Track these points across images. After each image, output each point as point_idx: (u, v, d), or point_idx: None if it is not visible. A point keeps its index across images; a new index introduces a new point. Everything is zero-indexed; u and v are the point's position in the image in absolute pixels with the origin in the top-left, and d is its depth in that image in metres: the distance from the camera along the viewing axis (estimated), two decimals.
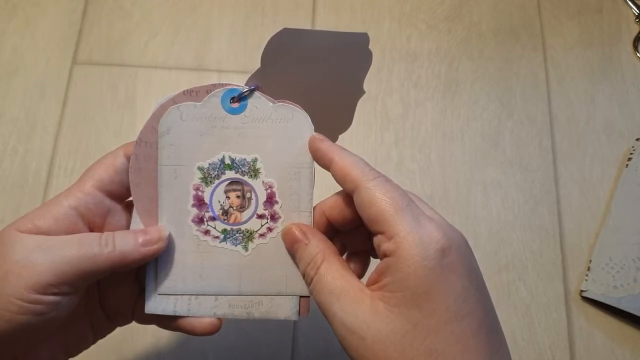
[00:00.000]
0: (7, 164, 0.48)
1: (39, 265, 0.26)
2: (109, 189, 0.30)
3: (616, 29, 0.54)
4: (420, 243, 0.25)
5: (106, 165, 0.30)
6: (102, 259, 0.27)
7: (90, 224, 0.30)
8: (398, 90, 0.51)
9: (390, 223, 0.25)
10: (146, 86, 0.51)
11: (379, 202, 0.26)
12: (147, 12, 0.54)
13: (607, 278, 0.44)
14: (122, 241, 0.28)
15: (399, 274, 0.25)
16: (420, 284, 0.24)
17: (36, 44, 0.52)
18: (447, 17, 0.54)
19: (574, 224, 0.47)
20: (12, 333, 0.26)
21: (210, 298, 0.30)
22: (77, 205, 0.29)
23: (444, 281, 0.25)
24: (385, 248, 0.25)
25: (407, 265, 0.24)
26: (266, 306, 0.30)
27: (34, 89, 0.51)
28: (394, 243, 0.25)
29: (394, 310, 0.25)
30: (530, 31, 0.54)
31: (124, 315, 0.33)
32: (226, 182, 0.30)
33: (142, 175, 0.30)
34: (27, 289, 0.26)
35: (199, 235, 0.30)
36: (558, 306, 0.45)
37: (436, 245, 0.25)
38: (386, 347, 0.24)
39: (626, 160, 0.48)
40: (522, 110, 0.51)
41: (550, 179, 0.49)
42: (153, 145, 0.30)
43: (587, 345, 0.44)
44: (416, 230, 0.25)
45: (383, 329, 0.25)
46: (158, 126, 0.30)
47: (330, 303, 0.27)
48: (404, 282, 0.25)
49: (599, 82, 0.52)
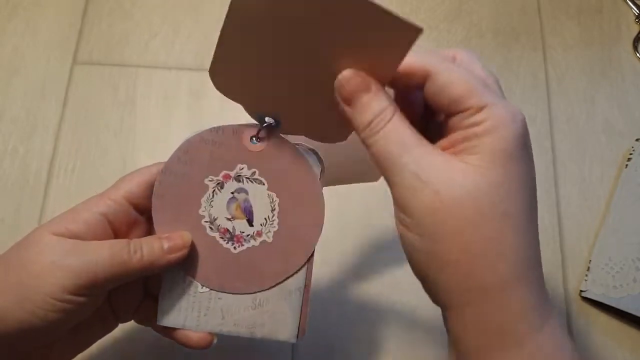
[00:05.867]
0: (7, 164, 0.48)
1: (74, 267, 0.28)
2: (137, 202, 0.32)
3: (616, 29, 0.54)
4: (510, 112, 0.25)
5: (139, 179, 0.32)
6: (132, 265, 0.29)
7: (116, 231, 0.31)
8: None
9: (479, 97, 0.25)
10: (146, 86, 0.51)
11: (463, 81, 0.25)
12: (148, 12, 0.54)
13: (607, 278, 0.44)
14: (150, 248, 0.30)
15: (490, 136, 0.24)
16: (510, 147, 0.24)
17: (36, 44, 0.52)
18: (447, 17, 0.54)
19: (573, 224, 0.47)
20: (41, 329, 0.28)
21: (218, 316, 0.32)
22: (107, 212, 0.31)
23: (525, 152, 0.25)
24: (475, 119, 0.24)
25: (500, 128, 0.24)
26: (268, 328, 0.32)
27: (34, 89, 0.51)
28: (485, 112, 0.24)
29: (476, 169, 0.24)
30: (530, 31, 0.54)
31: (127, 314, 0.34)
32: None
33: (165, 202, 0.32)
34: (62, 289, 0.27)
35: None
36: (558, 306, 0.45)
37: (521, 117, 0.25)
38: (463, 203, 0.24)
39: (626, 161, 0.48)
40: (522, 110, 0.51)
41: (550, 179, 0.49)
42: (177, 175, 0.32)
43: (587, 345, 0.44)
44: (502, 103, 0.25)
45: (462, 184, 0.24)
46: (183, 157, 0.32)
47: (401, 153, 0.25)
48: (494, 143, 0.24)
49: (599, 82, 0.52)
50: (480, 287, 0.24)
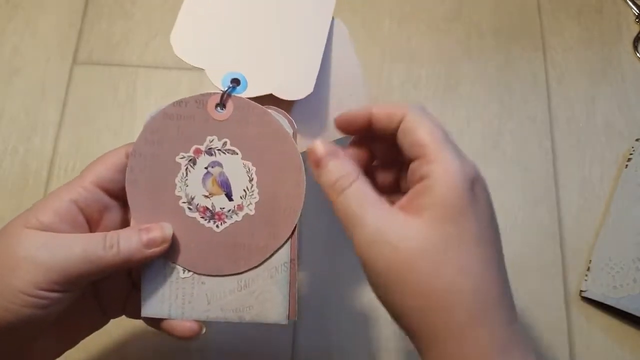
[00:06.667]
0: (7, 164, 0.48)
1: (46, 263, 0.27)
2: (108, 186, 0.31)
3: (616, 29, 0.54)
4: (460, 167, 0.27)
5: (107, 163, 0.31)
6: (107, 261, 0.28)
7: (88, 218, 0.30)
8: (398, 90, 0.51)
9: (435, 147, 0.27)
10: (146, 86, 0.51)
11: (426, 128, 0.28)
12: (147, 12, 0.54)
13: (607, 278, 0.44)
14: (126, 243, 0.29)
15: (441, 191, 0.26)
16: (459, 202, 0.26)
17: (36, 44, 0.52)
18: (447, 17, 0.54)
19: (574, 224, 0.47)
20: (14, 324, 0.27)
21: (203, 302, 0.31)
22: (77, 199, 0.30)
23: (475, 205, 0.27)
24: (427, 170, 0.27)
25: (450, 183, 0.26)
26: (256, 310, 0.31)
27: (34, 89, 0.51)
28: (435, 165, 0.27)
29: (431, 225, 0.26)
30: (530, 31, 0.54)
31: (115, 308, 0.34)
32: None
33: (140, 187, 0.30)
34: (34, 285, 0.27)
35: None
36: (558, 306, 0.45)
37: (471, 172, 0.27)
38: (420, 258, 0.26)
39: (626, 161, 0.48)
40: (522, 110, 0.51)
41: (550, 179, 0.49)
42: (147, 157, 0.30)
43: (587, 345, 0.44)
44: (456, 157, 0.27)
45: (419, 240, 0.26)
46: (150, 137, 0.30)
47: (363, 213, 0.27)
48: (444, 199, 0.26)
49: (599, 82, 0.52)
50: (441, 331, 0.26)
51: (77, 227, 0.30)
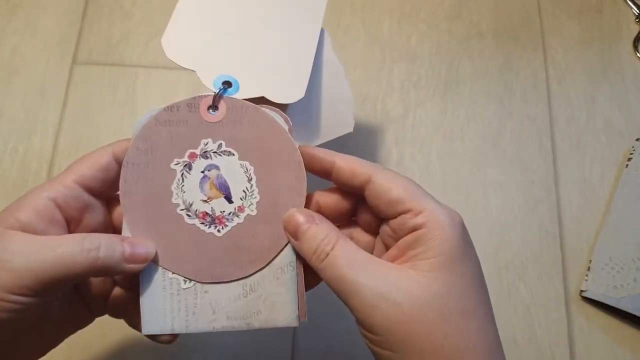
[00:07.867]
0: (7, 164, 0.48)
1: (18, 268, 0.26)
2: (89, 184, 0.30)
3: (616, 29, 0.54)
4: (449, 215, 0.27)
5: (91, 161, 0.30)
6: (82, 267, 0.27)
7: (67, 216, 0.29)
8: (398, 90, 0.51)
9: (417, 200, 0.27)
10: (146, 86, 0.51)
11: (400, 185, 0.28)
12: (147, 12, 0.54)
13: (607, 278, 0.44)
14: (107, 252, 0.28)
15: (434, 241, 0.26)
16: (454, 249, 0.26)
17: (36, 44, 0.52)
18: (447, 17, 0.54)
19: (574, 224, 0.47)
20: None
21: (208, 312, 0.29)
22: (55, 196, 0.29)
23: (468, 251, 0.27)
24: (415, 222, 0.27)
25: (442, 232, 0.26)
26: (265, 314, 0.29)
27: (34, 89, 0.51)
28: (424, 216, 0.27)
29: (428, 275, 0.26)
30: (530, 31, 0.54)
31: (97, 307, 0.33)
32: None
33: (134, 198, 0.29)
34: (5, 289, 0.26)
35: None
36: (558, 306, 0.45)
37: (458, 218, 0.27)
38: (424, 309, 0.25)
39: (626, 160, 0.48)
40: (522, 110, 0.51)
41: (550, 179, 0.49)
42: (140, 166, 0.29)
43: (587, 345, 0.44)
44: (440, 206, 0.27)
45: (419, 292, 0.26)
46: (143, 145, 0.29)
47: (355, 275, 0.26)
48: (439, 248, 0.26)
49: (599, 82, 0.52)
50: None
51: (55, 226, 0.28)
